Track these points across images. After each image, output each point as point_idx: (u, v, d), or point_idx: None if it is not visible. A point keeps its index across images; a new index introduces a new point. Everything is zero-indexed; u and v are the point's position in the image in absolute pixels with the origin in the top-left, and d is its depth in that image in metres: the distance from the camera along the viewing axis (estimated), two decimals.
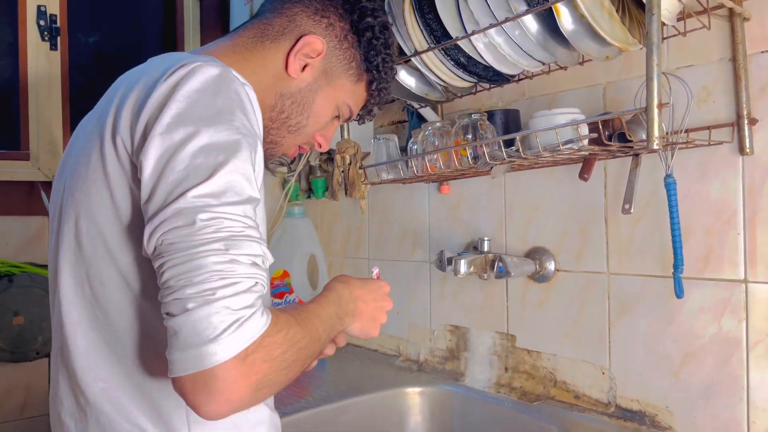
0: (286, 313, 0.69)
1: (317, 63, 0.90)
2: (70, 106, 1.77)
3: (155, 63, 0.77)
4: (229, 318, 0.60)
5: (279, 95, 0.89)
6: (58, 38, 1.73)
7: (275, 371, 0.64)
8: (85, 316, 0.76)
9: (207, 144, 0.66)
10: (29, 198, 1.67)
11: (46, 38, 1.71)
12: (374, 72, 0.95)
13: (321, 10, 0.91)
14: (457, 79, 1.28)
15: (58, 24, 1.73)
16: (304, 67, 0.90)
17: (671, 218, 1.05)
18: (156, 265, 0.65)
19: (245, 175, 0.67)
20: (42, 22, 1.71)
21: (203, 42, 2.00)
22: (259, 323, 0.62)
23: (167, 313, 0.62)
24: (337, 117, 0.97)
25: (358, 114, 1.01)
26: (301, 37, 0.88)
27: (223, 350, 0.59)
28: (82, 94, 1.83)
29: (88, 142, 0.76)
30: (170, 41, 2.01)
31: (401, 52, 1.31)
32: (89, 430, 0.77)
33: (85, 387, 0.76)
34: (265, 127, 0.91)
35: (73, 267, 0.77)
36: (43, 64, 1.71)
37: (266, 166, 0.93)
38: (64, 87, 1.75)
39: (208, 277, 0.61)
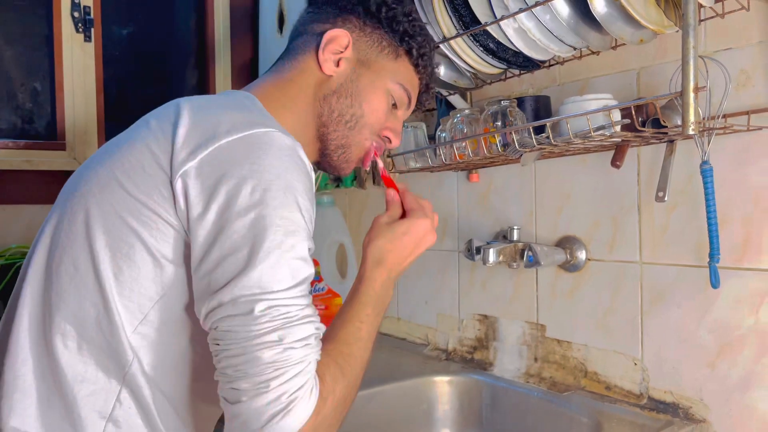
0: (329, 362, 0.71)
1: (349, 54, 0.91)
2: (105, 97, 1.79)
3: (219, 102, 0.78)
4: (279, 406, 0.63)
5: (323, 98, 0.90)
6: (92, 30, 1.76)
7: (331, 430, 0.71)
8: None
9: (269, 220, 0.68)
10: None
11: (80, 30, 1.74)
12: (407, 40, 0.93)
13: (332, 13, 0.93)
14: (487, 66, 1.26)
15: (92, 16, 1.76)
16: (338, 63, 0.90)
17: (707, 206, 1.02)
18: (211, 346, 0.69)
19: (301, 256, 0.69)
20: (76, 14, 1.73)
21: (233, 30, 2.01)
22: (308, 405, 0.65)
23: (224, 398, 0.66)
24: (395, 106, 0.95)
25: (419, 98, 0.98)
26: (322, 35, 0.90)
27: None
28: (117, 85, 1.86)
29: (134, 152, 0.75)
30: (201, 32, 2.03)
31: None
32: None
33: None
34: (325, 136, 0.91)
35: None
36: (77, 55, 1.74)
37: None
38: (99, 78, 1.78)
39: (263, 370, 0.64)
